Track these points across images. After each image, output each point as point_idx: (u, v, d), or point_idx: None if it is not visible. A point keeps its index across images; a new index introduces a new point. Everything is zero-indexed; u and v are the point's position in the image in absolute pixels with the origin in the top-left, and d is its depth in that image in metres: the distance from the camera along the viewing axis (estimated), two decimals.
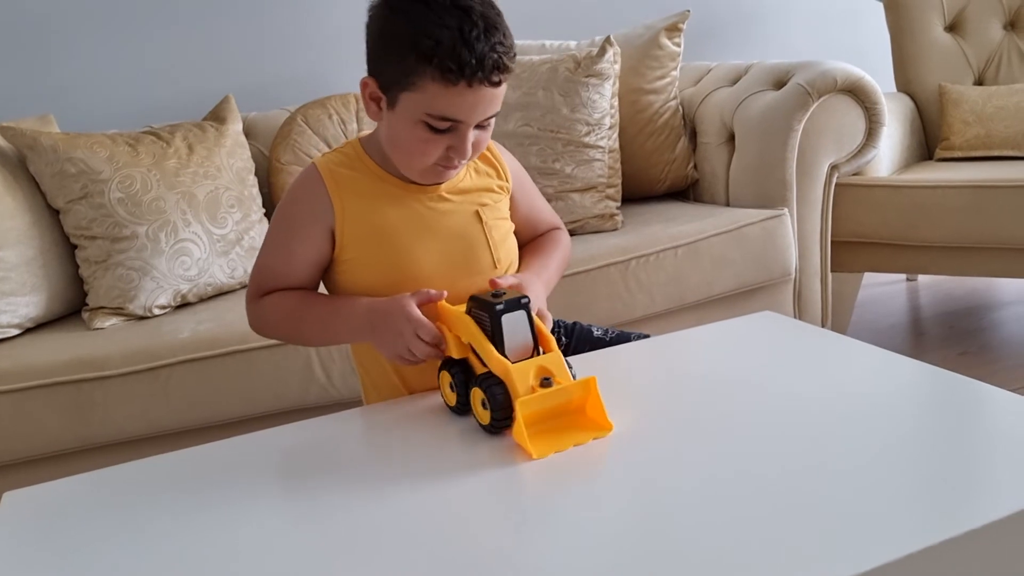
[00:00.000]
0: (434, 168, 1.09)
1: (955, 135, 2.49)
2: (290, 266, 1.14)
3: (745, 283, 2.00)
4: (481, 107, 1.03)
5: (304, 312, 1.13)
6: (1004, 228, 2.08)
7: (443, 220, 1.14)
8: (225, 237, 1.86)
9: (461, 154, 1.06)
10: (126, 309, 1.75)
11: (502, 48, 1.01)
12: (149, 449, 1.58)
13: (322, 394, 1.65)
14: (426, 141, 1.05)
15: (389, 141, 1.10)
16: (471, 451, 0.94)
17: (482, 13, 1.00)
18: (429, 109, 1.02)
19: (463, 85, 1.00)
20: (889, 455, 0.85)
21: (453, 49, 0.98)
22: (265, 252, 1.17)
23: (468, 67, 0.98)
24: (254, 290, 1.17)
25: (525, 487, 0.87)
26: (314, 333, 1.16)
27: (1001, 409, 0.95)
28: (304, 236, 1.13)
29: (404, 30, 1.00)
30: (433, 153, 1.06)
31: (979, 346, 2.39)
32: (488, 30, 1.00)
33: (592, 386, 0.95)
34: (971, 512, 0.75)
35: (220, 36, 2.41)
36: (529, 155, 2.06)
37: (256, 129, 2.20)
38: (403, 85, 1.02)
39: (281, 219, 1.15)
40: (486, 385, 0.94)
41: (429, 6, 1.00)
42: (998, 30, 2.66)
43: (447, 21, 0.98)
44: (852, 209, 2.21)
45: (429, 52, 0.98)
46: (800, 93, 2.02)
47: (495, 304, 0.96)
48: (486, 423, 0.96)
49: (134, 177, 1.79)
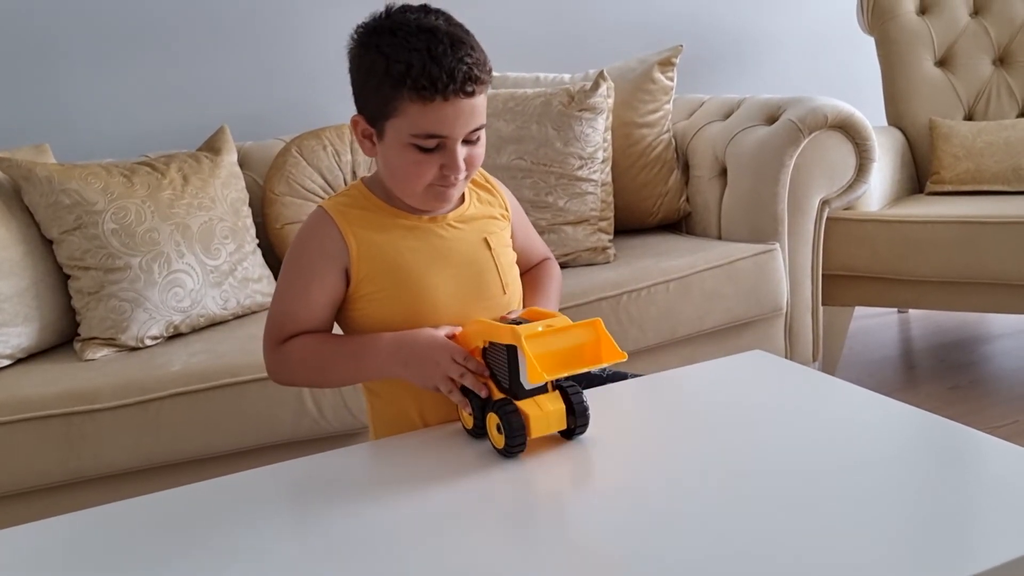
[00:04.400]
0: (433, 189, 1.12)
1: (945, 169, 2.51)
2: (309, 310, 1.15)
3: (737, 317, 2.00)
4: (462, 120, 1.07)
5: (328, 354, 1.14)
6: (994, 263, 2.10)
7: (454, 247, 1.17)
8: (218, 268, 1.87)
9: (454, 170, 1.09)
10: (118, 340, 1.75)
11: (471, 59, 1.05)
12: (140, 482, 1.58)
13: (314, 427, 1.65)
14: (418, 163, 1.09)
15: (386, 172, 1.14)
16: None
17: (447, 31, 1.06)
18: (413, 130, 1.07)
19: (439, 100, 1.04)
20: (877, 501, 0.85)
21: (423, 68, 1.03)
22: (281, 299, 1.17)
23: (440, 82, 1.03)
24: (273, 338, 1.16)
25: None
26: (340, 374, 1.16)
27: (991, 456, 0.95)
28: (321, 279, 1.14)
29: (378, 61, 1.06)
30: (428, 173, 1.10)
31: (970, 380, 2.40)
32: (454, 45, 1.05)
33: (598, 326, 0.99)
34: (961, 562, 0.75)
35: (216, 66, 2.43)
36: (522, 188, 2.07)
37: (251, 159, 2.21)
38: (386, 113, 1.07)
39: (295, 265, 1.16)
40: (501, 411, 0.97)
41: (396, 34, 1.06)
42: (987, 66, 2.69)
43: (415, 44, 1.04)
44: (843, 243, 2.22)
45: (402, 75, 1.03)
46: (791, 129, 2.04)
47: (512, 321, 1.00)
48: (500, 447, 0.98)
49: (128, 208, 1.79)
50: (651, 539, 0.82)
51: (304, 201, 2.09)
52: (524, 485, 0.95)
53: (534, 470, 0.97)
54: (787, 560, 0.76)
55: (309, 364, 1.15)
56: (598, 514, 0.89)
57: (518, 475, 0.96)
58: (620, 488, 0.93)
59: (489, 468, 0.99)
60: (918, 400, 2.13)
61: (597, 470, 0.99)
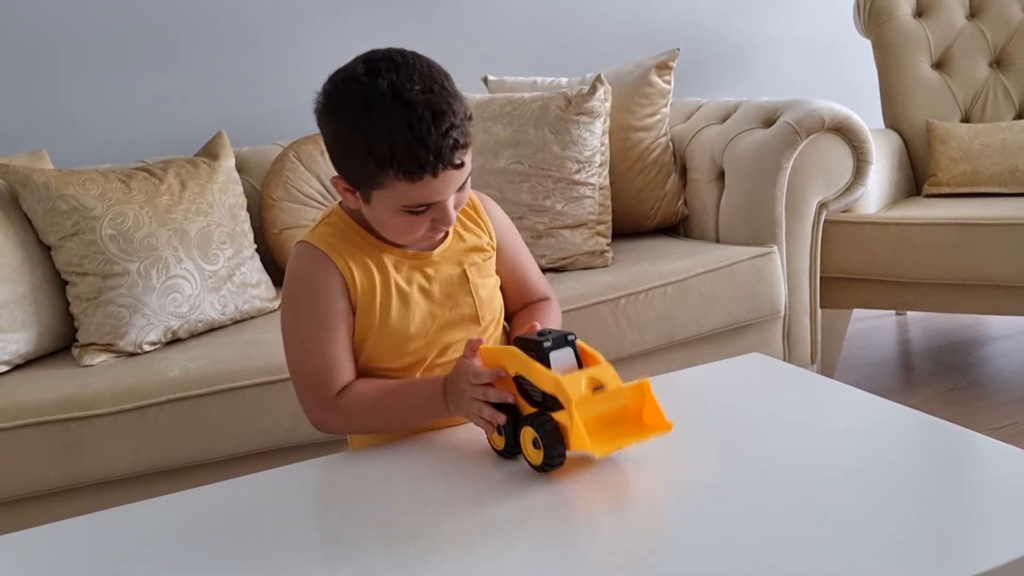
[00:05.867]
0: (425, 236, 1.10)
1: (942, 172, 2.52)
2: (347, 357, 1.12)
3: (735, 320, 2.00)
4: (452, 184, 1.04)
5: (387, 405, 1.10)
6: (991, 265, 2.10)
7: (435, 280, 1.15)
8: (216, 273, 1.86)
9: (446, 222, 1.07)
10: (116, 346, 1.74)
11: (455, 132, 0.99)
12: (138, 488, 1.58)
13: (312, 433, 1.63)
14: (410, 223, 1.06)
15: (375, 222, 1.10)
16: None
17: (426, 101, 0.98)
18: (402, 202, 1.03)
19: (428, 177, 1.00)
20: (876, 504, 0.85)
21: (409, 151, 0.97)
22: (312, 354, 1.11)
23: (428, 164, 0.98)
24: (321, 397, 1.11)
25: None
26: (401, 422, 1.11)
27: (989, 457, 0.95)
28: (343, 320, 1.11)
29: (355, 138, 1.00)
30: (419, 229, 1.07)
31: (968, 382, 2.40)
32: (436, 119, 0.98)
33: (646, 389, 0.96)
34: (959, 563, 0.75)
35: (213, 71, 2.43)
36: (520, 192, 2.07)
37: (248, 164, 2.21)
38: (371, 185, 1.03)
39: (309, 313, 1.11)
40: (537, 422, 0.93)
41: (371, 110, 0.98)
42: (984, 68, 2.70)
43: (394, 123, 0.97)
44: (841, 246, 2.23)
45: (387, 159, 0.98)
46: (788, 132, 2.04)
47: (542, 342, 0.95)
48: (538, 463, 0.94)
49: (126, 214, 1.79)
50: (648, 539, 0.82)
51: (302, 206, 2.09)
52: (521, 489, 0.94)
53: (530, 478, 0.97)
54: (786, 562, 0.76)
55: (368, 416, 1.11)
56: (596, 519, 0.89)
57: (517, 476, 0.96)
58: (616, 489, 0.93)
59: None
60: (916, 402, 2.13)
61: (592, 472, 0.98)
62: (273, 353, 1.67)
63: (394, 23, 2.60)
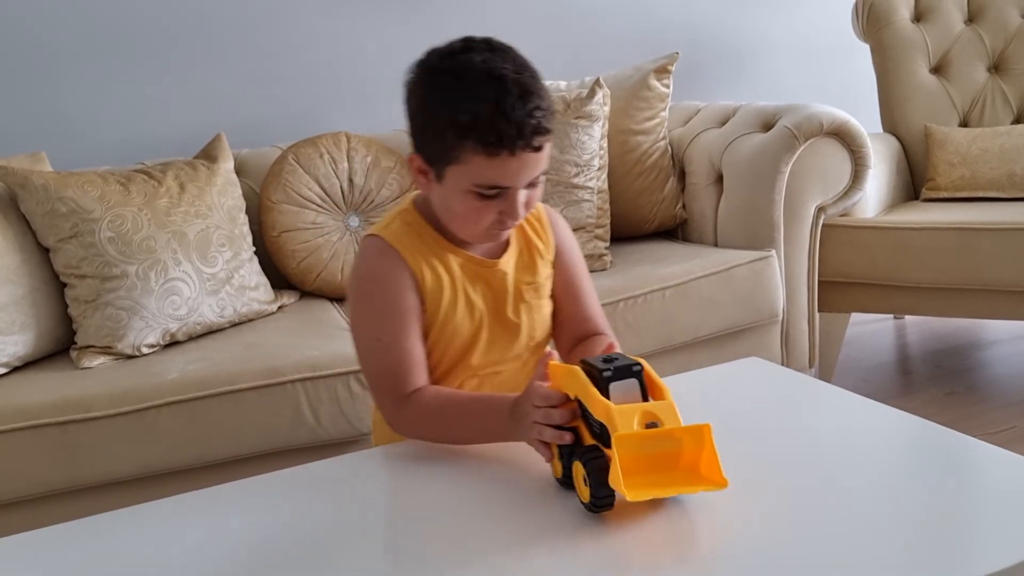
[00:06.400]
0: (489, 230, 1.10)
1: (940, 176, 2.52)
2: (418, 352, 1.12)
3: (733, 324, 2.01)
4: (527, 171, 1.03)
5: (454, 415, 1.08)
6: (989, 270, 2.10)
7: (490, 291, 1.16)
8: (215, 276, 1.86)
9: (513, 216, 1.07)
10: (115, 348, 1.74)
11: (540, 113, 1.00)
12: (137, 491, 1.57)
13: (311, 436, 1.65)
14: (478, 209, 1.06)
15: (442, 209, 1.11)
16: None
17: (516, 80, 1.00)
18: (476, 180, 1.03)
19: (506, 154, 1.00)
20: (874, 508, 0.85)
21: (491, 121, 0.98)
22: (387, 350, 1.11)
23: (508, 137, 0.98)
24: (395, 395, 1.10)
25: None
26: (466, 435, 1.07)
27: (986, 462, 0.95)
28: (411, 316, 1.11)
29: (441, 108, 1.02)
30: (486, 218, 1.07)
31: (966, 386, 2.40)
32: (524, 96, 0.99)
33: (706, 435, 0.85)
34: (957, 568, 0.75)
35: (213, 74, 2.43)
36: None
37: (247, 167, 2.21)
38: (447, 159, 1.03)
39: (380, 310, 1.11)
40: (587, 459, 0.86)
41: (462, 80, 1.01)
42: (982, 72, 2.70)
43: (482, 93, 0.99)
44: (839, 250, 2.23)
45: (468, 127, 0.99)
46: (787, 136, 2.05)
47: (603, 370, 0.87)
48: (586, 501, 0.86)
49: (125, 216, 1.79)
50: (644, 537, 0.82)
51: (300, 209, 2.09)
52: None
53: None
54: (785, 566, 0.76)
55: (435, 423, 1.09)
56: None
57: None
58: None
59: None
60: (914, 406, 2.13)
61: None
62: (272, 356, 1.68)
63: (393, 26, 2.60)
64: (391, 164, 2.21)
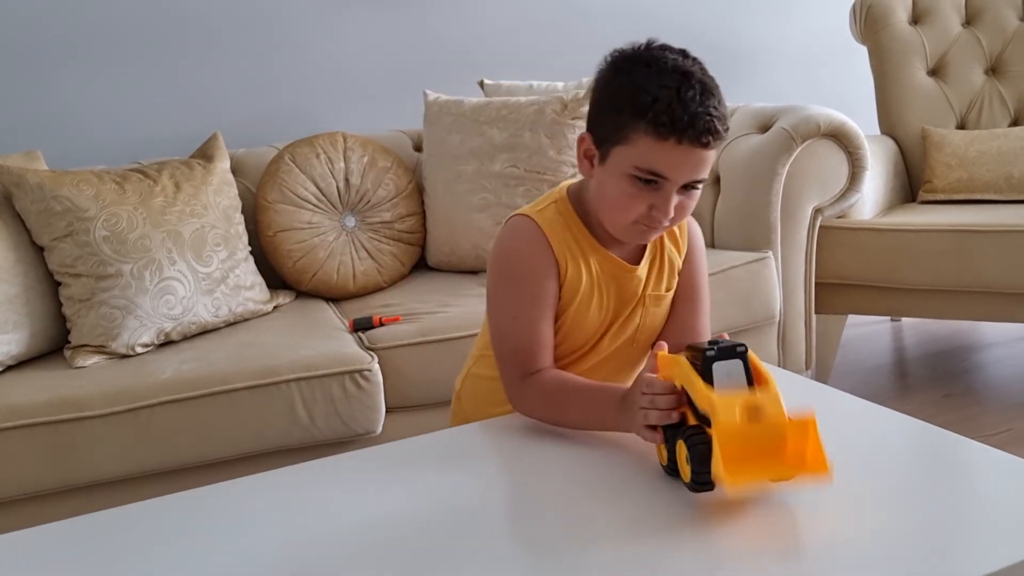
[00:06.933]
0: (636, 226, 1.11)
1: (937, 178, 2.52)
2: (548, 333, 1.15)
3: (730, 325, 2.00)
4: (688, 167, 1.06)
5: (569, 400, 1.10)
6: (986, 272, 2.10)
7: (621, 295, 1.19)
8: (210, 275, 1.86)
9: (663, 213, 1.08)
10: (109, 347, 1.74)
11: (715, 112, 1.04)
12: (130, 490, 1.57)
13: (305, 435, 1.65)
14: (631, 196, 1.08)
15: (597, 195, 1.14)
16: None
17: (701, 78, 1.05)
18: (638, 162, 1.05)
19: (673, 141, 1.03)
20: (871, 509, 0.85)
21: (668, 106, 1.02)
22: (519, 327, 1.15)
23: (680, 123, 1.02)
24: (520, 369, 1.14)
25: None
26: (576, 419, 1.10)
27: (983, 464, 0.95)
28: (549, 300, 1.15)
29: (626, 88, 1.06)
30: (636, 208, 1.08)
31: (962, 388, 2.40)
32: (704, 93, 1.04)
33: (811, 427, 0.85)
34: (954, 569, 0.75)
35: (210, 73, 2.43)
36: (515, 196, 2.07)
37: (244, 166, 2.21)
38: (616, 139, 1.07)
39: (521, 290, 1.15)
40: (690, 439, 0.87)
41: (652, 67, 1.06)
42: (979, 75, 2.70)
43: (667, 81, 1.04)
44: (836, 251, 2.23)
45: (645, 107, 1.03)
46: (784, 137, 2.04)
47: (707, 351, 0.88)
48: (688, 480, 0.88)
49: (120, 215, 1.78)
50: (641, 534, 0.82)
51: (297, 208, 2.09)
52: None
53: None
54: (780, 566, 0.76)
55: (551, 406, 1.12)
56: (583, 516, 0.89)
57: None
58: (611, 487, 0.93)
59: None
60: (911, 408, 2.12)
61: (596, 468, 0.98)
62: (266, 355, 1.67)
63: (392, 27, 2.60)
64: (388, 164, 2.20)
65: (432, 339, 1.75)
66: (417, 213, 2.23)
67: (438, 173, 2.20)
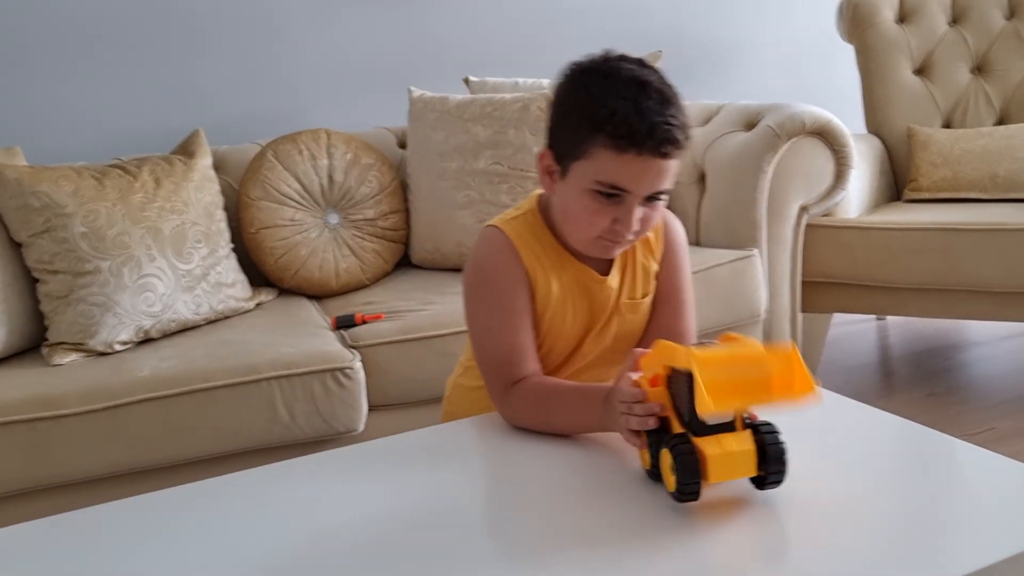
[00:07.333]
0: (601, 241, 1.10)
1: (923, 177, 2.52)
2: (528, 343, 1.14)
3: (715, 324, 1.99)
4: (648, 179, 1.04)
5: (554, 405, 1.09)
6: (970, 271, 2.10)
7: (594, 304, 1.18)
8: (191, 272, 1.84)
9: (627, 227, 1.07)
10: (87, 345, 1.72)
11: (675, 121, 1.02)
12: (108, 489, 1.55)
13: (285, 434, 1.63)
14: (594, 211, 1.07)
15: (561, 211, 1.13)
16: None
17: (658, 88, 1.03)
18: (599, 176, 1.04)
19: (633, 154, 1.01)
20: (855, 507, 0.84)
21: (626, 118, 1.00)
22: (496, 340, 1.14)
23: (639, 135, 1.00)
24: (503, 382, 1.13)
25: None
26: (563, 424, 1.08)
27: (967, 462, 0.95)
28: (523, 309, 1.14)
29: (583, 102, 1.05)
30: (600, 223, 1.07)
31: (946, 387, 2.40)
32: (662, 103, 1.02)
33: (793, 356, 0.84)
34: (938, 566, 0.75)
35: (192, 70, 2.41)
36: (499, 193, 2.05)
37: (226, 163, 2.19)
38: (576, 154, 1.05)
39: (494, 301, 1.15)
40: (676, 448, 0.85)
41: (608, 79, 1.04)
42: (965, 74, 2.70)
43: (624, 92, 1.02)
44: (822, 250, 2.22)
45: (603, 120, 1.01)
46: (770, 135, 2.04)
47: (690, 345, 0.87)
48: (672, 490, 0.86)
49: (99, 211, 1.76)
50: (620, 537, 0.81)
51: (279, 205, 2.07)
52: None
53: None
54: (763, 563, 0.75)
55: (537, 412, 1.10)
56: (566, 517, 0.88)
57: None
58: (594, 488, 0.92)
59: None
60: (895, 407, 2.11)
61: (578, 469, 0.97)
62: (247, 353, 1.66)
63: (377, 24, 2.58)
64: (371, 161, 2.18)
65: (415, 337, 1.74)
66: (400, 210, 2.21)
67: (422, 170, 2.19)
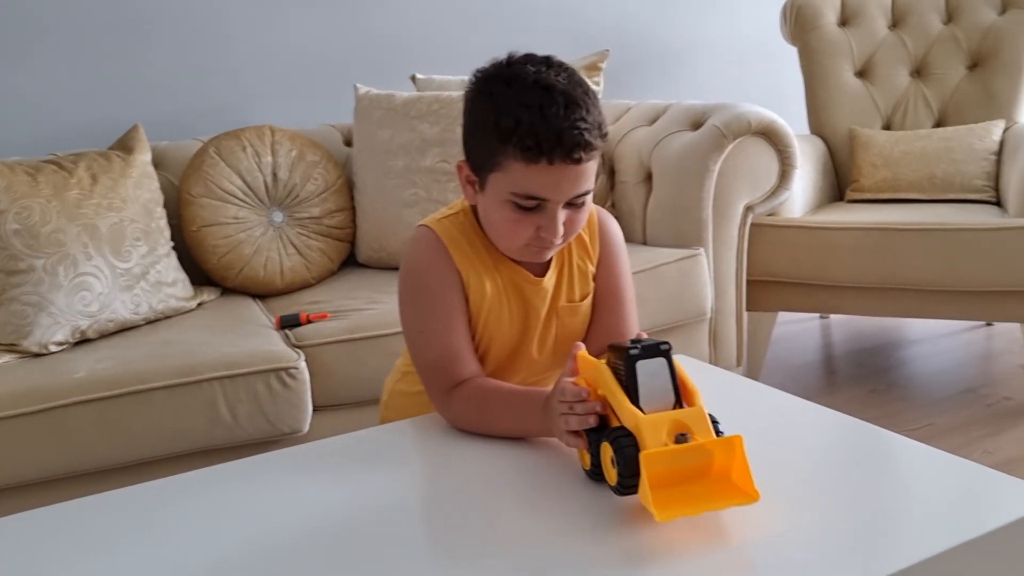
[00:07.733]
0: (529, 248, 1.08)
1: (864, 177, 2.56)
2: (466, 347, 1.12)
3: (661, 322, 2.00)
4: (565, 185, 1.02)
5: (494, 408, 1.07)
6: (909, 270, 2.14)
7: (529, 306, 1.15)
8: (130, 271, 1.79)
9: (552, 233, 1.05)
10: (20, 346, 1.66)
11: (584, 125, 0.99)
12: (42, 494, 1.50)
13: (228, 435, 1.60)
14: (515, 221, 1.05)
15: (485, 221, 1.11)
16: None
17: (564, 91, 1.00)
18: (513, 188, 1.02)
19: (544, 163, 0.99)
20: (798, 502, 0.84)
21: (532, 127, 0.98)
22: (430, 342, 1.12)
23: (547, 143, 0.98)
24: (443, 385, 1.11)
25: None
26: (504, 427, 1.06)
27: (907, 457, 0.96)
28: (460, 311, 1.12)
29: (489, 113, 1.02)
30: (523, 233, 1.06)
31: (887, 384, 2.44)
32: (569, 107, 0.99)
33: (737, 447, 0.82)
34: (879, 560, 0.75)
35: (132, 64, 2.35)
36: (446, 191, 2.04)
37: (166, 159, 2.14)
38: (490, 166, 1.03)
39: (426, 303, 1.13)
40: (614, 439, 0.84)
41: (512, 87, 1.01)
42: (904, 77, 2.75)
43: (528, 100, 0.99)
44: (766, 249, 2.25)
45: (509, 132, 0.99)
46: (716, 135, 2.05)
47: (630, 349, 0.86)
48: (613, 483, 0.85)
49: (32, 208, 1.71)
50: (561, 537, 0.80)
51: (222, 203, 2.03)
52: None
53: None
54: (707, 564, 0.75)
55: (478, 415, 1.08)
56: (506, 518, 0.87)
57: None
58: (535, 489, 0.91)
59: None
60: (838, 404, 2.14)
61: (520, 470, 0.96)
62: (187, 353, 1.62)
63: (322, 21, 2.55)
64: (316, 158, 2.15)
65: (360, 336, 1.72)
66: (346, 208, 2.19)
67: (368, 168, 2.17)
